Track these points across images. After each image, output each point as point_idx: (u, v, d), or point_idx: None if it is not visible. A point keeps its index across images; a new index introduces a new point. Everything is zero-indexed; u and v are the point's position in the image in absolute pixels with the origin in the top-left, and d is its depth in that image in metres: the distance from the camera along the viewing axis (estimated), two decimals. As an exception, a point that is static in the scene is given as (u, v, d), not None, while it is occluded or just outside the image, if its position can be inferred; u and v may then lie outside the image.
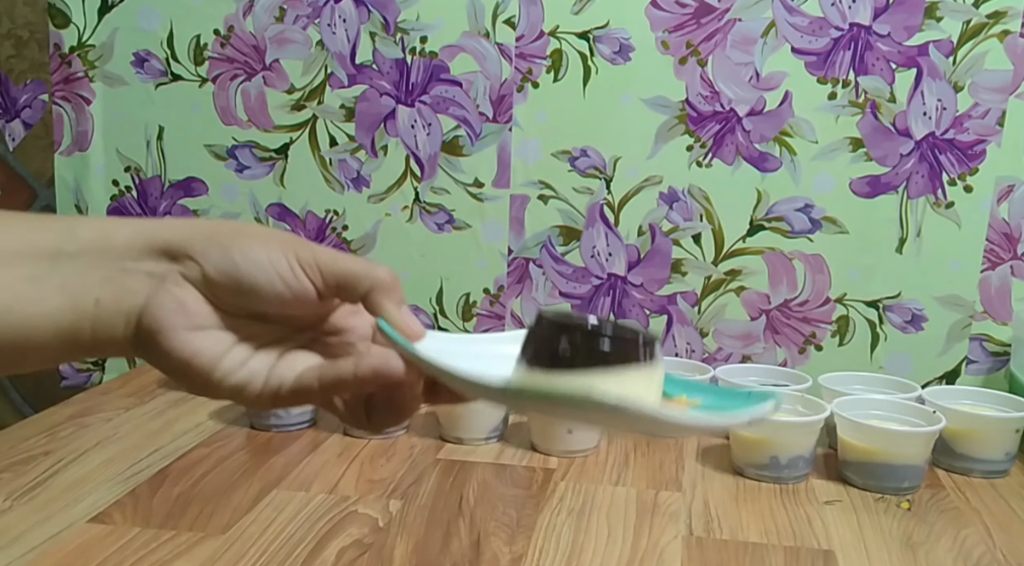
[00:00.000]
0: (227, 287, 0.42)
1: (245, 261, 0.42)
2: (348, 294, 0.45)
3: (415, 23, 1.08)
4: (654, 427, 0.42)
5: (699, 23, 1.03)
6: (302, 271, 0.43)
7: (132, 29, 1.14)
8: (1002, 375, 1.04)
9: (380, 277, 0.44)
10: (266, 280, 0.42)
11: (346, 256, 0.45)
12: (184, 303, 0.41)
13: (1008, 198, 1.01)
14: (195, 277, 0.41)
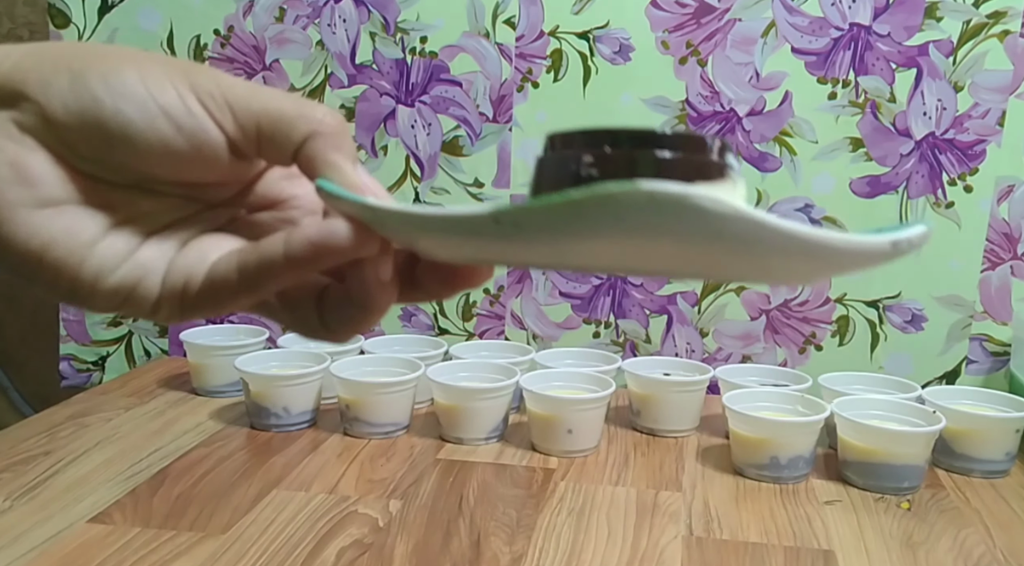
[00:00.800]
0: (86, 134, 0.28)
1: (110, 92, 0.28)
2: (274, 147, 0.30)
3: (415, 23, 1.08)
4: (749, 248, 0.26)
5: (699, 23, 1.03)
6: (201, 108, 0.29)
7: (132, 29, 1.13)
8: (1002, 375, 1.04)
9: (320, 119, 0.30)
10: (144, 119, 0.28)
11: (269, 90, 0.30)
12: (22, 165, 0.28)
13: (1008, 198, 1.01)
14: (35, 124, 0.28)
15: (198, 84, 0.29)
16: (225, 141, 0.30)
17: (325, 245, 0.29)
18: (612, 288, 1.10)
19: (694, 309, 1.09)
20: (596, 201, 0.23)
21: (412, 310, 1.15)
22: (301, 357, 0.95)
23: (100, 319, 1.21)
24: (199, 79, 0.29)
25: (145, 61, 0.29)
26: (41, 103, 0.28)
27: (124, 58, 0.29)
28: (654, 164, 0.27)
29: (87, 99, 0.28)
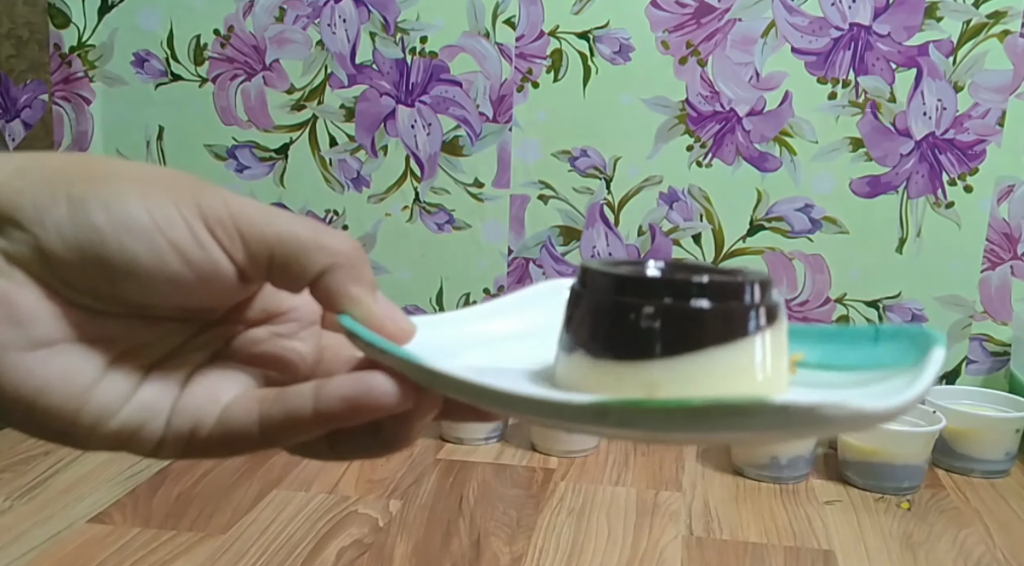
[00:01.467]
0: (85, 269, 0.25)
1: (113, 224, 0.25)
2: (288, 277, 0.28)
3: (415, 23, 1.08)
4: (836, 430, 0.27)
5: (699, 23, 1.03)
6: (211, 238, 0.26)
7: (132, 29, 1.13)
8: (1002, 375, 1.04)
9: (338, 250, 0.28)
10: (152, 255, 0.25)
11: (281, 214, 0.28)
12: (12, 303, 0.25)
13: (1008, 198, 1.01)
14: (27, 256, 0.25)
15: (207, 210, 0.26)
16: (235, 271, 0.27)
17: (363, 403, 0.26)
18: (612, 288, 1.10)
19: (694, 309, 1.09)
20: (721, 411, 0.23)
21: (412, 310, 1.15)
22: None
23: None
24: (208, 203, 0.26)
25: (150, 184, 0.26)
26: (36, 234, 0.25)
27: (127, 181, 0.26)
28: (717, 319, 0.28)
29: (88, 232, 0.25)
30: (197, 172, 1.09)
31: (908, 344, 0.31)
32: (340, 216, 1.14)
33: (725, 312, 0.28)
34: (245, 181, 1.15)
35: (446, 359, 0.28)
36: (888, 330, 0.33)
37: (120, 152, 1.17)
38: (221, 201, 0.26)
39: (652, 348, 0.28)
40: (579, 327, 0.30)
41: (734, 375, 0.28)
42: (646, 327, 0.28)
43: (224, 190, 0.27)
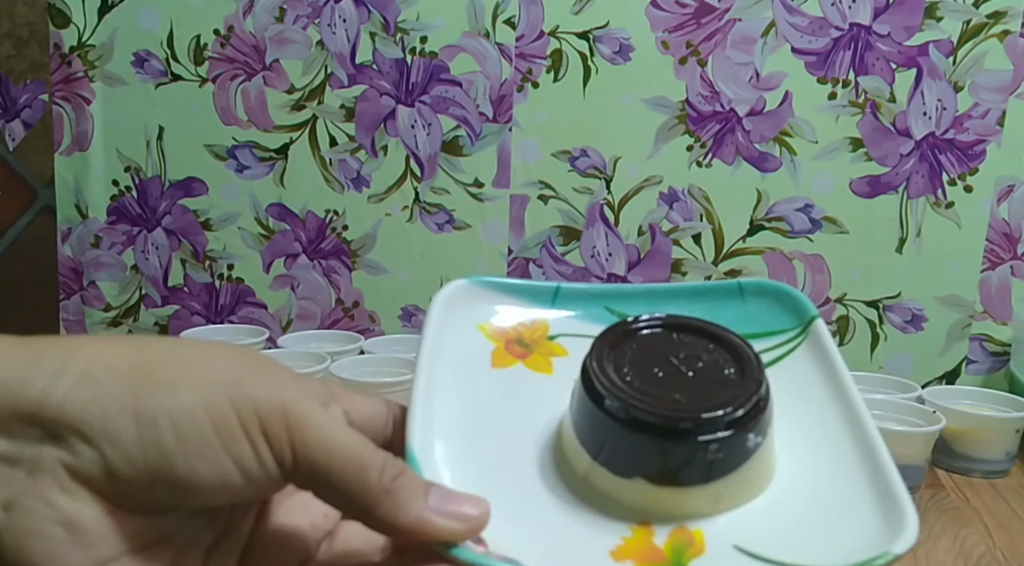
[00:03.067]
0: (150, 489, 0.25)
1: (184, 444, 0.25)
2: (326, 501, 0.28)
3: (415, 23, 1.08)
4: None
5: (699, 23, 1.03)
6: (267, 448, 0.26)
7: (132, 29, 1.13)
8: (1002, 375, 1.04)
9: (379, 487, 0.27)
10: (218, 476, 0.26)
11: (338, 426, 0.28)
12: (79, 525, 0.24)
13: (1008, 198, 1.01)
14: (92, 473, 0.24)
15: (268, 411, 0.26)
16: (284, 477, 0.27)
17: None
18: (612, 288, 1.10)
19: (694, 309, 1.09)
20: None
21: (412, 310, 1.15)
22: (301, 357, 0.95)
23: (100, 319, 1.21)
24: (268, 401, 0.26)
25: (215, 384, 0.26)
26: (104, 452, 0.24)
27: (192, 389, 0.25)
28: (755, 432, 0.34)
29: (157, 456, 0.24)
30: (197, 172, 1.09)
31: (775, 303, 0.37)
32: (340, 216, 1.14)
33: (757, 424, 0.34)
34: (245, 181, 1.15)
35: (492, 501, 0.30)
36: (749, 285, 0.37)
37: (120, 152, 1.17)
38: (283, 400, 0.26)
39: (719, 471, 0.33)
40: (635, 456, 0.33)
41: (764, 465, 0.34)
42: (713, 459, 0.33)
43: (279, 384, 0.27)
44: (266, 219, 1.16)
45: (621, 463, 0.33)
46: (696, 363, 0.35)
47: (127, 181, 1.18)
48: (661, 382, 0.34)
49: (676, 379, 0.34)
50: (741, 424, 0.33)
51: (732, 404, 0.33)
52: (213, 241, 1.17)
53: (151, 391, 0.25)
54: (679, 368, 0.34)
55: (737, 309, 0.38)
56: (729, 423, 0.33)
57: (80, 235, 1.19)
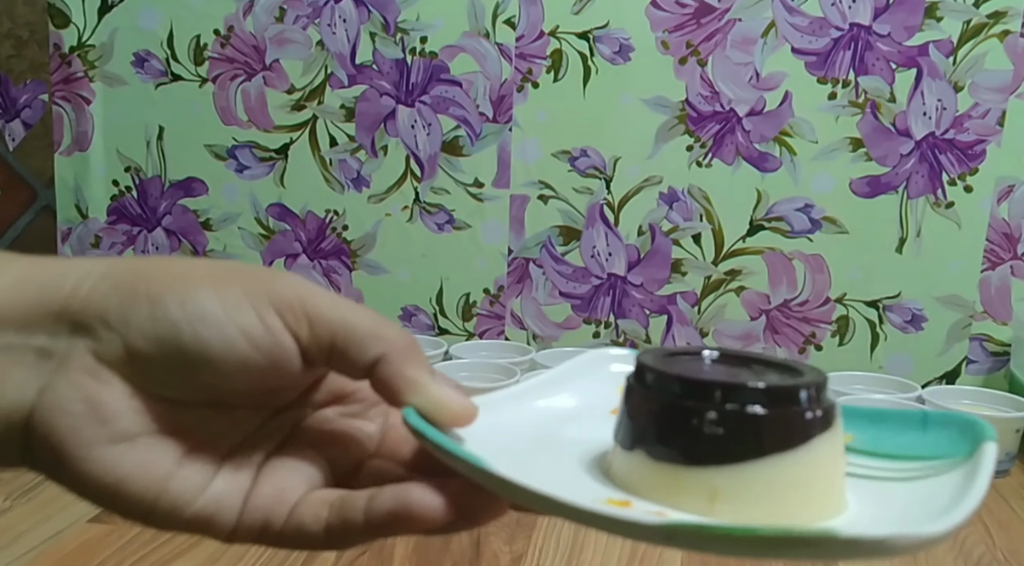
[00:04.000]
0: (165, 362, 0.27)
1: (188, 318, 0.27)
2: (346, 362, 0.29)
3: (415, 23, 1.08)
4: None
5: (699, 23, 1.03)
6: (278, 319, 0.28)
7: (132, 29, 1.14)
8: (1002, 375, 1.04)
9: (392, 338, 0.29)
10: (223, 342, 0.27)
11: (348, 303, 0.30)
12: (99, 401, 0.27)
13: (1008, 198, 1.01)
14: (115, 354, 0.27)
15: (277, 295, 0.28)
16: (299, 352, 0.29)
17: (405, 519, 0.28)
18: (612, 288, 1.10)
19: (694, 309, 1.09)
20: (788, 541, 0.24)
21: (412, 310, 1.15)
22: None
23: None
24: (279, 290, 0.29)
25: (222, 280, 0.28)
26: (122, 333, 0.27)
27: (201, 278, 0.28)
28: (778, 426, 0.28)
29: (166, 326, 0.27)
30: (197, 172, 1.09)
31: (957, 433, 0.32)
32: (340, 216, 1.14)
33: (786, 419, 0.29)
34: (245, 181, 1.15)
35: (504, 450, 0.29)
36: (936, 416, 0.33)
37: (120, 152, 1.17)
38: (291, 287, 0.29)
39: (714, 455, 0.28)
40: (638, 426, 0.30)
41: (795, 484, 0.29)
42: (709, 433, 0.28)
43: (299, 278, 0.29)
44: (266, 219, 1.16)
45: (626, 435, 0.31)
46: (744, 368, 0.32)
47: (127, 181, 1.18)
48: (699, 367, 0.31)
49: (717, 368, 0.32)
50: (750, 401, 0.28)
51: (753, 380, 0.29)
52: (213, 241, 1.17)
53: (162, 281, 0.28)
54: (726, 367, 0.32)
55: (916, 436, 0.33)
56: (738, 395, 0.28)
57: (80, 235, 1.19)
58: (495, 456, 0.28)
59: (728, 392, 0.29)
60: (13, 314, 0.27)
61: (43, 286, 0.28)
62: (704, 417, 0.28)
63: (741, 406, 0.28)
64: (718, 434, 0.28)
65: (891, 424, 0.34)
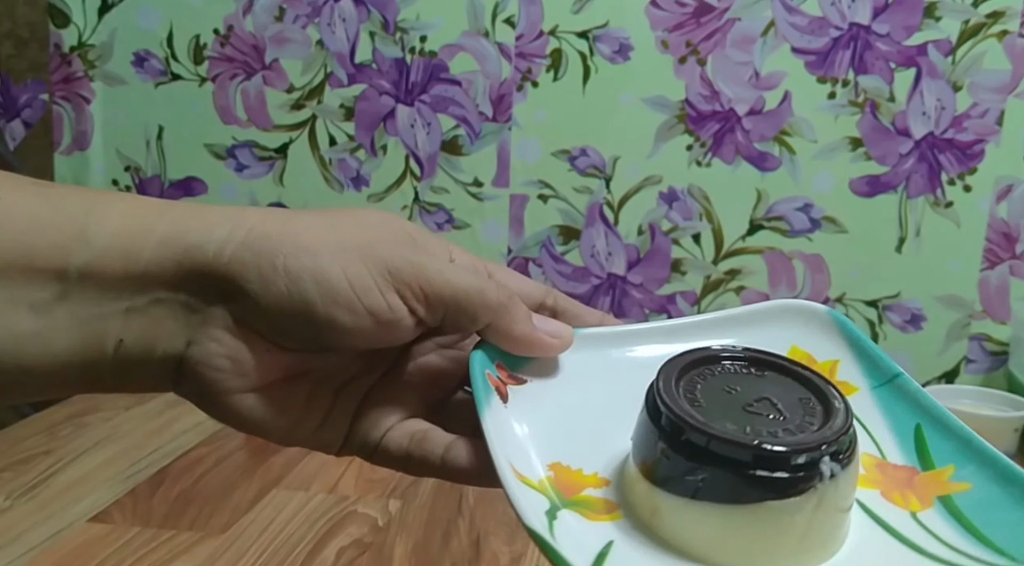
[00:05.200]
0: (297, 329, 0.32)
1: (324, 296, 0.31)
2: (458, 329, 0.35)
3: (415, 22, 1.08)
4: None
5: (699, 23, 1.03)
6: (399, 300, 0.32)
7: (132, 29, 1.14)
8: (1001, 375, 1.04)
9: (495, 305, 0.34)
10: (351, 319, 0.31)
11: (455, 273, 0.33)
12: (239, 358, 0.31)
13: (1007, 198, 1.02)
14: (253, 319, 0.31)
15: (397, 273, 0.32)
16: (415, 322, 0.33)
17: (478, 476, 0.33)
18: (612, 288, 1.10)
19: (693, 309, 1.09)
20: None
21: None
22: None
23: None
24: (398, 266, 0.32)
25: (351, 256, 0.32)
26: (261, 303, 0.31)
27: (332, 253, 0.31)
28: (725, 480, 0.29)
29: (301, 302, 0.31)
30: (197, 171, 1.09)
31: None
32: (340, 216, 1.14)
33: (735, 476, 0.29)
34: (245, 180, 1.15)
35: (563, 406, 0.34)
36: None
37: (120, 151, 1.17)
38: (409, 263, 0.32)
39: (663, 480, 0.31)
40: (640, 440, 0.32)
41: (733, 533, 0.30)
42: (663, 460, 0.30)
43: (413, 250, 0.33)
44: (266, 219, 1.16)
45: (636, 446, 0.32)
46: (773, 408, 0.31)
47: (127, 180, 1.18)
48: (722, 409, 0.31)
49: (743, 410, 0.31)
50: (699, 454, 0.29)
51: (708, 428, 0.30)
52: (213, 241, 1.17)
53: (297, 253, 0.31)
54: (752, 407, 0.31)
55: None
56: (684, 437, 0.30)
57: (80, 235, 1.19)
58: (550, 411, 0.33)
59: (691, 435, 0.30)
60: (163, 273, 0.31)
61: (188, 247, 0.31)
62: (659, 447, 0.30)
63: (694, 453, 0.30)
64: (667, 462, 0.30)
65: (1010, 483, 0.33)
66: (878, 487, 0.32)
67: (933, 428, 0.34)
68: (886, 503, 0.31)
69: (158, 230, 0.31)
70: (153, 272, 0.30)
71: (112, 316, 0.30)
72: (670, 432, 0.30)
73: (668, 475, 0.30)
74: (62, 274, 0.30)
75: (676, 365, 0.32)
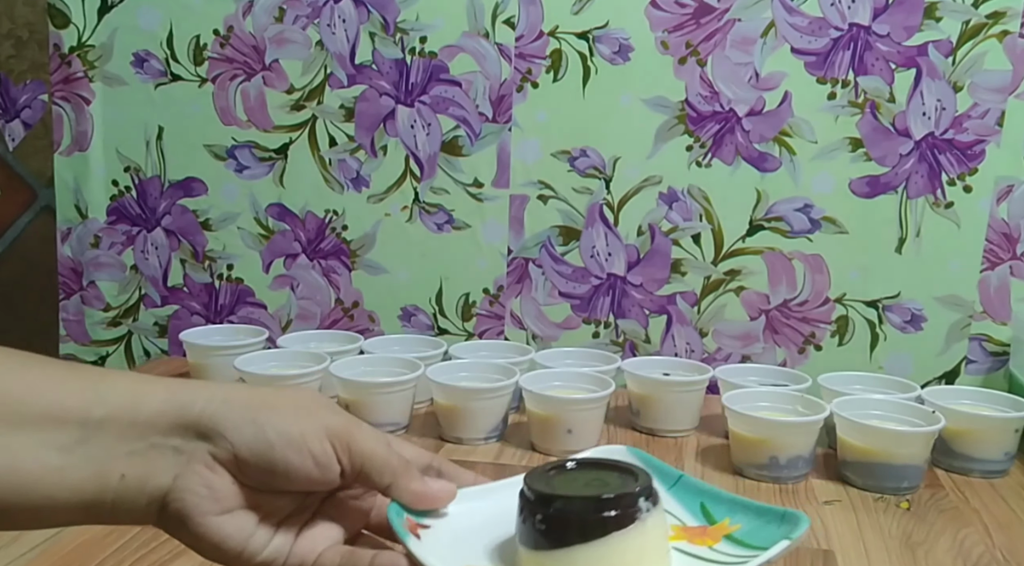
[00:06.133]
0: (258, 467, 0.41)
1: (280, 440, 0.41)
2: (368, 484, 0.45)
3: (415, 23, 1.08)
4: None
5: (699, 23, 1.03)
6: (333, 452, 0.43)
7: (132, 29, 1.14)
8: (1001, 375, 1.04)
9: (396, 469, 0.45)
10: (299, 462, 0.42)
11: (377, 438, 0.45)
12: (213, 487, 0.41)
13: (1007, 198, 1.02)
14: (226, 457, 0.41)
15: (334, 431, 0.43)
16: (339, 472, 0.43)
17: None
18: (612, 288, 1.10)
19: (693, 309, 1.09)
20: None
21: (412, 310, 1.15)
22: (300, 357, 0.95)
23: (99, 319, 1.21)
24: (332, 426, 0.43)
25: (303, 414, 0.43)
26: (233, 444, 0.41)
27: (290, 411, 0.43)
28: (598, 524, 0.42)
29: (264, 446, 0.41)
30: (197, 172, 1.09)
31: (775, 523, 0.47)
32: (340, 216, 1.14)
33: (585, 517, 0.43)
34: (245, 181, 1.15)
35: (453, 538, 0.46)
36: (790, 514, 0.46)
37: (120, 152, 1.17)
38: (343, 424, 0.44)
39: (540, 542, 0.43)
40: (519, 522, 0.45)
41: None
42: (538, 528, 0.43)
43: (345, 414, 0.45)
44: (266, 219, 1.16)
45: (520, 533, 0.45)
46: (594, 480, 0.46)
47: (127, 181, 1.18)
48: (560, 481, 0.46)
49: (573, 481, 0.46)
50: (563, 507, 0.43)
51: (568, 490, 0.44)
52: (213, 241, 1.17)
53: (264, 411, 0.42)
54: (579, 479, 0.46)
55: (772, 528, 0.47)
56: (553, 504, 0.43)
57: (80, 235, 1.19)
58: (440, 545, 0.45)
59: (551, 500, 0.43)
60: (161, 424, 0.40)
61: (182, 405, 0.41)
62: (535, 518, 0.43)
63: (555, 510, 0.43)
64: (542, 529, 0.43)
65: (759, 515, 0.48)
66: (686, 539, 0.47)
67: (710, 500, 0.50)
68: (693, 546, 0.47)
69: (157, 395, 0.41)
70: (152, 424, 0.40)
71: (118, 457, 0.39)
72: (538, 503, 0.43)
73: (542, 535, 0.43)
74: (84, 423, 0.39)
75: (536, 471, 0.46)
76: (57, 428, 0.38)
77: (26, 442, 0.38)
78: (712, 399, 0.95)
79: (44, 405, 0.39)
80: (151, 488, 0.40)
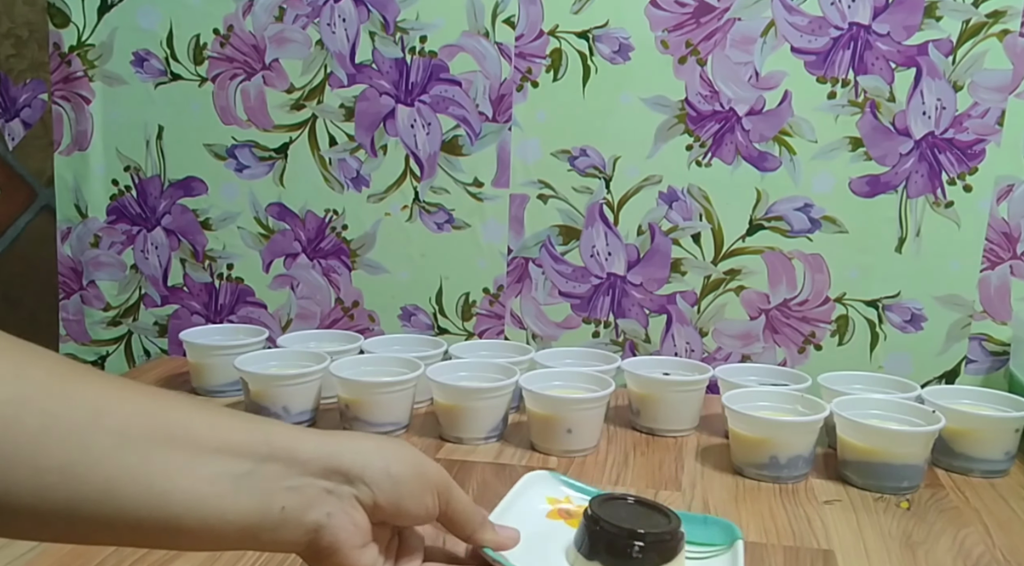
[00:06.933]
0: (387, 511, 0.50)
1: (407, 493, 0.51)
2: (454, 531, 0.56)
3: (415, 22, 1.08)
4: None
5: (699, 23, 1.03)
6: (436, 502, 0.53)
7: (132, 28, 1.14)
8: (1001, 375, 1.04)
9: (479, 522, 0.57)
10: (416, 510, 0.52)
11: (461, 494, 0.55)
12: (358, 524, 0.49)
13: (1007, 197, 1.01)
14: (366, 501, 0.49)
15: (436, 485, 0.53)
16: (436, 517, 0.54)
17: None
18: (612, 288, 1.10)
19: (693, 308, 1.09)
20: None
21: (411, 310, 1.15)
22: (300, 357, 0.95)
23: (99, 319, 1.21)
24: (438, 482, 0.53)
25: (422, 472, 0.52)
26: (374, 492, 0.49)
27: (414, 470, 0.52)
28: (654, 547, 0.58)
29: (395, 498, 0.50)
30: (197, 171, 1.09)
31: (721, 530, 0.64)
32: (340, 216, 1.14)
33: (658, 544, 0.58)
34: (245, 180, 1.15)
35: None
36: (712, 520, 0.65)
37: (120, 151, 1.17)
38: (443, 480, 0.54)
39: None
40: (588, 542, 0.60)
41: None
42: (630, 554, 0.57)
43: (451, 481, 0.55)
44: (266, 219, 1.16)
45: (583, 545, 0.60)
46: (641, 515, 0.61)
47: (127, 180, 1.18)
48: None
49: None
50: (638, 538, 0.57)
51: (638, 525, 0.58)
52: (213, 241, 1.17)
53: (395, 465, 0.51)
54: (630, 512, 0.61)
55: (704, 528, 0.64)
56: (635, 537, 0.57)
57: (80, 235, 1.19)
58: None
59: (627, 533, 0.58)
60: (314, 466, 0.48)
61: (331, 453, 0.48)
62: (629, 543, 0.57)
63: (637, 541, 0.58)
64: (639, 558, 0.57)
65: (696, 524, 0.63)
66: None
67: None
68: None
69: (311, 441, 0.49)
70: (307, 466, 0.47)
71: (279, 491, 0.46)
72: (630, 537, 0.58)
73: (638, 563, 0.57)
74: (255, 456, 0.45)
75: (599, 499, 0.61)
76: (231, 459, 0.44)
77: (205, 469, 0.43)
78: (712, 399, 0.95)
79: (221, 439, 0.45)
80: (309, 521, 0.47)
